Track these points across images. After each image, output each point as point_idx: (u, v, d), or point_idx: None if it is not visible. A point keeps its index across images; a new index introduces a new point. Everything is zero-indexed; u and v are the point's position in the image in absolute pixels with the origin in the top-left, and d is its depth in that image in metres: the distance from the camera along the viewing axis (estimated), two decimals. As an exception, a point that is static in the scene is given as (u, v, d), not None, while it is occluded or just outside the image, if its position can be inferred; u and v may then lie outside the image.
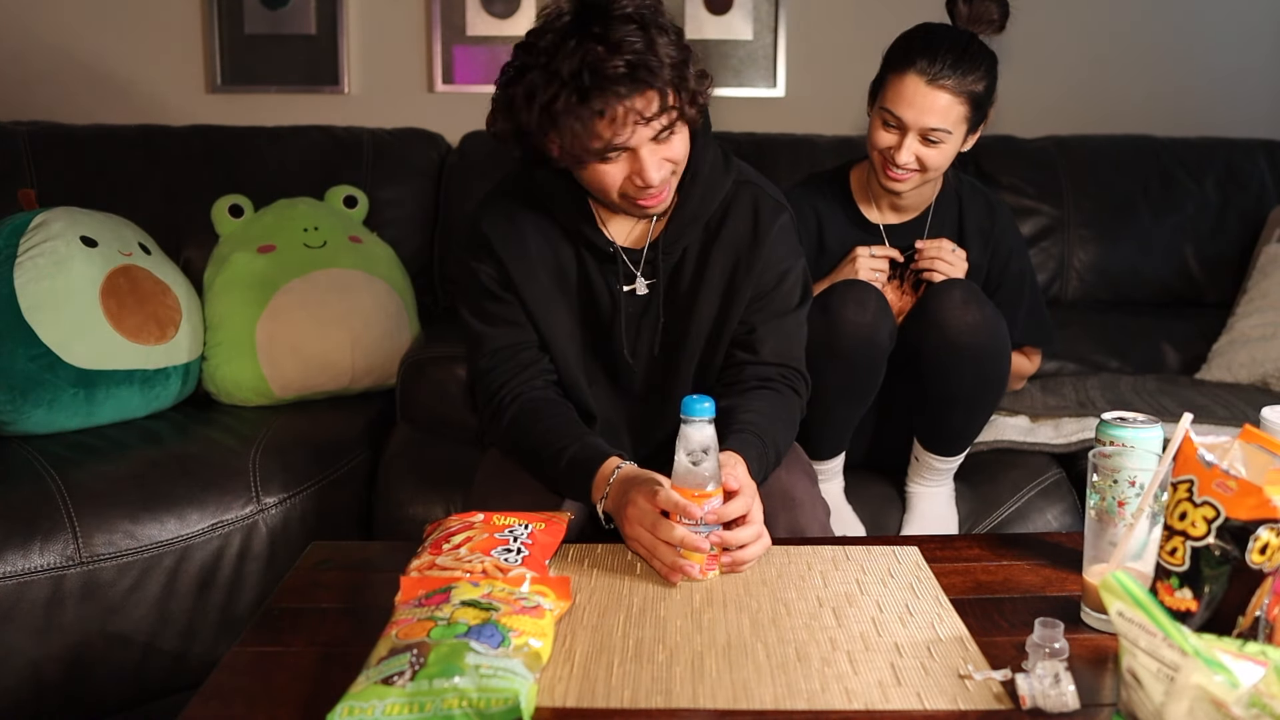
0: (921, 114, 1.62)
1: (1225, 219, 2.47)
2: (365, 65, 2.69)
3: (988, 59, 1.67)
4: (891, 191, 1.73)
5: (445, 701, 0.86)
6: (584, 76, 1.19)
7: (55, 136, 2.30)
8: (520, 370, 1.43)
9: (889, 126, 1.67)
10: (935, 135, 1.63)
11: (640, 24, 1.22)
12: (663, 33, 1.25)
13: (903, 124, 1.64)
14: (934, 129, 1.63)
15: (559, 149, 1.27)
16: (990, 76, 1.67)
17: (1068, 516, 1.78)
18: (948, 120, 1.63)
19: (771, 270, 1.44)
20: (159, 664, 1.63)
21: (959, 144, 1.69)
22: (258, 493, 1.73)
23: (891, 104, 1.65)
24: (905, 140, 1.64)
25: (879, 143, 1.68)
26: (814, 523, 1.41)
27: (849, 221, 1.81)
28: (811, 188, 1.85)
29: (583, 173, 1.31)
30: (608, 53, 1.20)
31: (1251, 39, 2.77)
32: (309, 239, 2.15)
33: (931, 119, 1.62)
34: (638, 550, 1.21)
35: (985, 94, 1.67)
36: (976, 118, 1.68)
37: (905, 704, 0.93)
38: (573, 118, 1.22)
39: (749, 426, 1.34)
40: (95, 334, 1.84)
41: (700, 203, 1.41)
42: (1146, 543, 1.05)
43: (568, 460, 1.33)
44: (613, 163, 1.28)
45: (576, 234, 1.42)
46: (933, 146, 1.65)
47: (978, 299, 1.61)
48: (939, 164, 1.68)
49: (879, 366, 1.63)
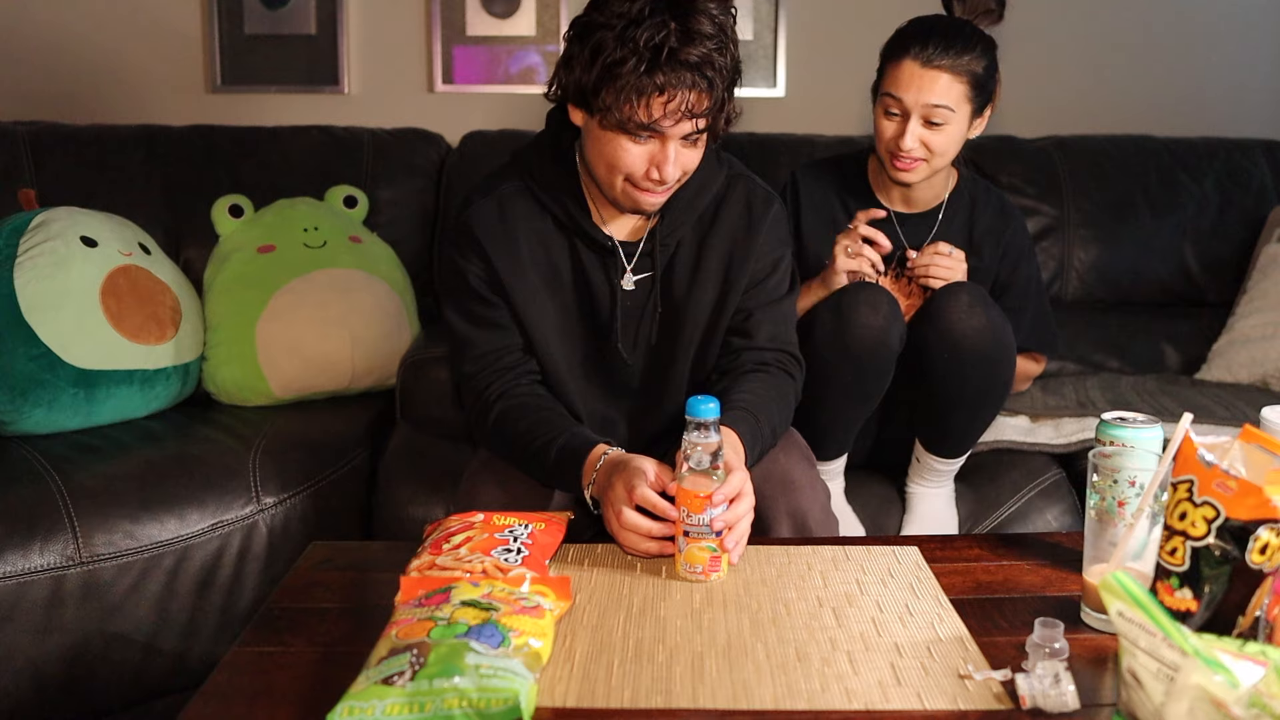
0: (921, 94, 1.64)
1: (1225, 219, 2.47)
2: (365, 65, 2.69)
3: (983, 40, 1.68)
4: (901, 183, 1.73)
5: (445, 701, 0.86)
6: (660, 52, 1.23)
7: (55, 136, 2.30)
8: (505, 371, 1.45)
9: (891, 115, 1.69)
10: (938, 115, 1.65)
11: (719, 30, 1.27)
12: (732, 47, 1.30)
13: (904, 108, 1.66)
14: (935, 106, 1.64)
15: (603, 109, 1.29)
16: (988, 57, 1.68)
17: (1068, 517, 1.78)
18: (949, 98, 1.64)
19: (765, 259, 1.49)
20: (159, 664, 1.63)
21: (964, 127, 1.70)
22: (257, 493, 1.73)
23: (891, 88, 1.67)
24: (909, 125, 1.66)
25: (884, 133, 1.70)
26: (815, 505, 1.41)
27: (863, 207, 1.82)
28: (831, 168, 1.86)
29: (605, 147, 1.33)
30: (685, 39, 1.24)
31: (1251, 39, 2.77)
32: (309, 239, 2.15)
33: (931, 97, 1.64)
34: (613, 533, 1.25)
35: (985, 74, 1.68)
36: (980, 99, 1.69)
37: (905, 704, 0.93)
38: (633, 85, 1.25)
39: (743, 405, 1.38)
40: (95, 334, 1.83)
41: (695, 195, 1.44)
42: (1146, 543, 1.05)
43: (557, 450, 1.35)
44: (640, 145, 1.31)
45: (573, 228, 1.42)
46: (937, 129, 1.66)
47: (985, 303, 1.60)
48: (944, 148, 1.68)
49: (888, 369, 1.63)
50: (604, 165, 1.35)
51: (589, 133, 1.35)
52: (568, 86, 1.33)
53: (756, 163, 2.30)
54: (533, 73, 2.70)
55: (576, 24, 1.31)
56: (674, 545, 1.20)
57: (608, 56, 1.25)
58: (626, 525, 1.22)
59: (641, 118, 1.27)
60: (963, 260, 1.73)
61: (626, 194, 1.36)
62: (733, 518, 1.18)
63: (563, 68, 1.33)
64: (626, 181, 1.35)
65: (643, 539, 1.22)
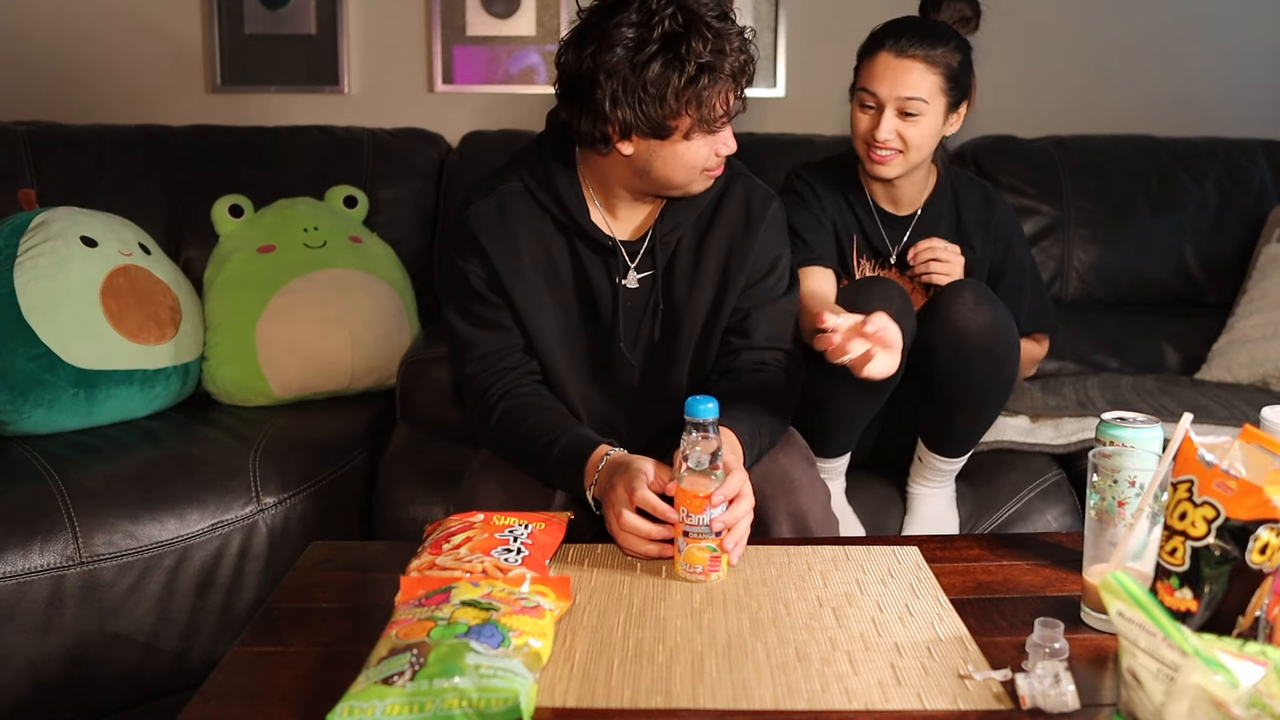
0: (895, 85, 1.65)
1: (1225, 219, 2.47)
2: (365, 65, 2.69)
3: (957, 37, 1.70)
4: (878, 177, 1.74)
5: (445, 701, 0.86)
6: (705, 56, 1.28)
7: (55, 136, 2.30)
8: (506, 372, 1.45)
9: (866, 108, 1.70)
10: (912, 107, 1.66)
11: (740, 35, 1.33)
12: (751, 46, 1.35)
13: (879, 100, 1.67)
14: (909, 98, 1.65)
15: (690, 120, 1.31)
16: (963, 53, 1.70)
17: (1068, 517, 1.78)
18: (922, 89, 1.66)
19: (764, 257, 1.49)
20: (159, 664, 1.63)
21: (939, 120, 1.70)
22: (258, 493, 1.73)
23: (865, 82, 1.68)
24: (884, 117, 1.67)
25: (859, 127, 1.71)
26: (815, 505, 1.41)
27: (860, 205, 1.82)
28: (831, 170, 1.85)
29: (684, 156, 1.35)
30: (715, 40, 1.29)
31: (1251, 39, 2.77)
32: (309, 239, 2.15)
33: (905, 89, 1.65)
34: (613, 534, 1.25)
35: (960, 69, 1.69)
36: (954, 93, 1.70)
37: (905, 704, 0.93)
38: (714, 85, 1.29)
39: (741, 405, 1.38)
40: (95, 334, 1.83)
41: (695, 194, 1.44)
42: (1146, 543, 1.05)
43: (559, 450, 1.36)
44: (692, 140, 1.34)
45: (573, 228, 1.42)
46: (911, 121, 1.67)
47: (989, 300, 1.60)
48: (919, 141, 1.69)
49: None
50: (684, 170, 1.37)
51: (655, 153, 1.35)
52: (629, 125, 1.31)
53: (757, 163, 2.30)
54: (533, 73, 2.70)
55: (585, 76, 1.29)
56: (673, 548, 1.21)
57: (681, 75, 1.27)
58: (626, 527, 1.22)
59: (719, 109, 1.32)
60: (958, 254, 1.75)
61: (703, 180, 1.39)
62: (732, 518, 1.18)
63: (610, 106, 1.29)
64: (704, 172, 1.38)
65: (642, 541, 1.22)
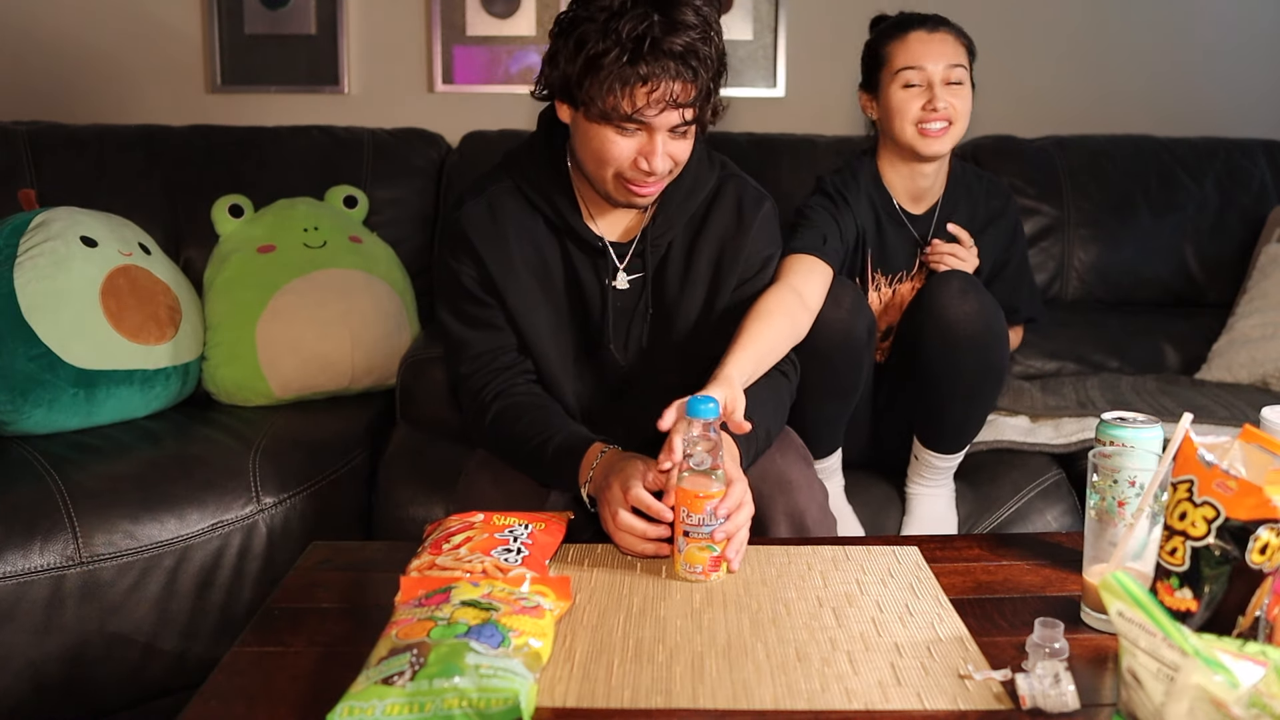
0: (942, 55, 1.71)
1: (1225, 219, 2.47)
2: (365, 65, 2.69)
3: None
4: (932, 154, 1.74)
5: (445, 701, 0.86)
6: (642, 42, 1.24)
7: (55, 136, 2.30)
8: (501, 371, 1.45)
9: (910, 87, 1.72)
10: (956, 75, 1.71)
11: (703, 21, 1.27)
12: (716, 38, 1.31)
13: (926, 76, 1.71)
14: (955, 65, 1.71)
15: (587, 101, 1.29)
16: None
17: (1068, 517, 1.78)
18: (961, 57, 1.72)
19: (755, 258, 1.50)
20: (159, 664, 1.63)
21: (971, 92, 1.75)
22: (257, 493, 1.73)
23: (909, 61, 1.71)
24: (937, 90, 1.70)
25: (909, 108, 1.72)
26: (812, 504, 1.41)
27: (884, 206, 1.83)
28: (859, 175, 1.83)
29: (592, 141, 1.32)
30: (668, 29, 1.24)
31: (1251, 39, 2.77)
32: (309, 239, 2.15)
33: (950, 57, 1.71)
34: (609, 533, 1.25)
35: (970, 49, 1.76)
36: (972, 70, 1.76)
37: (905, 704, 0.93)
38: (616, 75, 1.25)
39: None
40: (95, 334, 1.83)
41: (687, 196, 1.45)
42: (1146, 543, 1.05)
43: (554, 449, 1.36)
44: (627, 136, 1.31)
45: (564, 228, 1.43)
46: (956, 91, 1.72)
47: (976, 288, 1.61)
48: (965, 110, 1.74)
49: (858, 361, 1.62)
50: (593, 160, 1.35)
51: (577, 128, 1.35)
52: (554, 82, 1.33)
53: (756, 163, 2.30)
54: (533, 73, 2.68)
55: (561, 20, 1.31)
56: (670, 546, 1.20)
57: (591, 48, 1.25)
58: (623, 526, 1.22)
59: (625, 108, 1.27)
60: (973, 247, 1.78)
61: (618, 188, 1.36)
62: (733, 528, 1.18)
63: (548, 64, 1.33)
64: (617, 176, 1.35)
65: (639, 540, 1.22)
